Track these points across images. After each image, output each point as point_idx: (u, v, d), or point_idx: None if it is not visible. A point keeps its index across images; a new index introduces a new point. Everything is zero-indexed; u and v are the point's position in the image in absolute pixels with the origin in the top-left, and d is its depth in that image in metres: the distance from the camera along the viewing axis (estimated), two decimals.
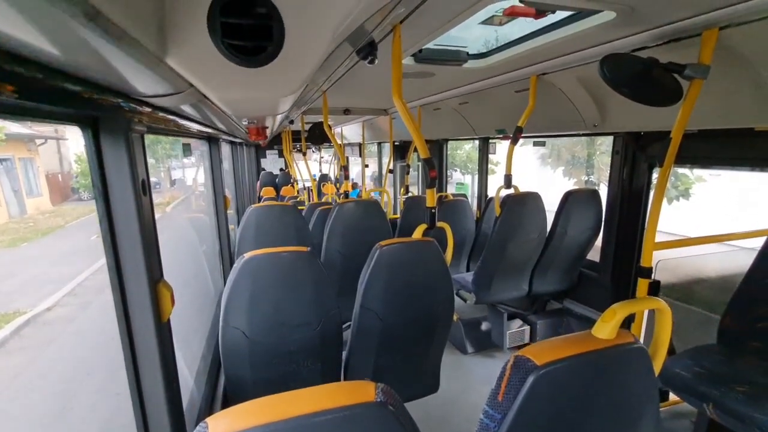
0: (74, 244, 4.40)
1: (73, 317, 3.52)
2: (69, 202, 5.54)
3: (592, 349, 0.79)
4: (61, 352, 3.00)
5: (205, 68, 0.55)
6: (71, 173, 5.43)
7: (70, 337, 3.26)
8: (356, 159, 9.73)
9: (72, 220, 4.77)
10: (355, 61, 1.89)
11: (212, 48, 0.54)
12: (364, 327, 1.71)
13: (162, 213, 3.87)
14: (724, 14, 1.36)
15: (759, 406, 1.40)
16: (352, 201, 2.62)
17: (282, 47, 0.56)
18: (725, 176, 7.64)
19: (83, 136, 0.80)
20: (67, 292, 3.77)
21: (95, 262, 3.97)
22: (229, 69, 0.56)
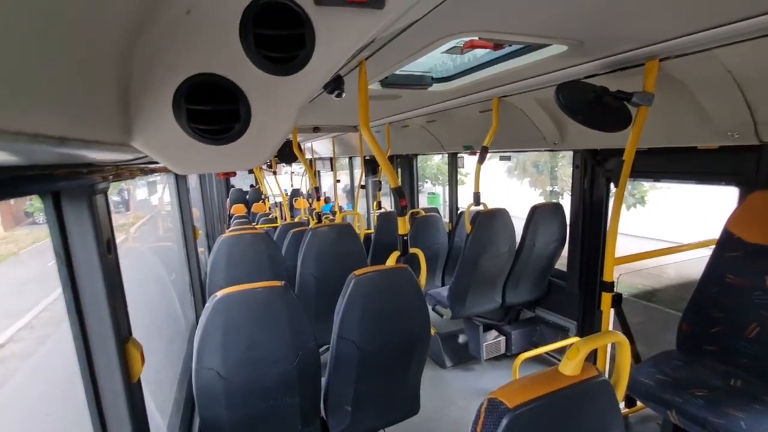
0: (29, 272, 4.12)
1: (30, 352, 3.28)
2: (23, 227, 5.19)
3: (560, 387, 0.83)
4: (17, 392, 2.79)
5: (171, 148, 0.55)
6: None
7: (28, 374, 3.04)
8: (328, 171, 9.71)
9: (27, 246, 4.48)
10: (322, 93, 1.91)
11: (178, 130, 0.54)
12: (342, 357, 1.70)
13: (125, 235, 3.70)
14: (664, 47, 1.48)
15: (715, 411, 1.50)
16: (326, 225, 2.61)
17: (249, 125, 0.57)
18: (674, 185, 8.28)
19: (43, 205, 0.77)
20: (23, 326, 3.52)
21: (53, 291, 3.73)
22: (195, 147, 0.56)
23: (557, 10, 1.16)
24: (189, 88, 0.53)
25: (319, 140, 6.72)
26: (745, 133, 1.67)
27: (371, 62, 1.57)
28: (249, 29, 0.53)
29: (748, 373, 1.69)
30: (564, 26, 1.31)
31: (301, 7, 0.54)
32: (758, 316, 1.70)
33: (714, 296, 1.84)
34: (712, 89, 1.61)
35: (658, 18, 1.24)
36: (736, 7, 1.15)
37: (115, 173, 0.89)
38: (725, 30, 1.28)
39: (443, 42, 1.40)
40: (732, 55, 1.42)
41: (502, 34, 1.35)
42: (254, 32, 0.53)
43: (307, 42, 0.56)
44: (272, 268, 2.58)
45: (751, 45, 1.33)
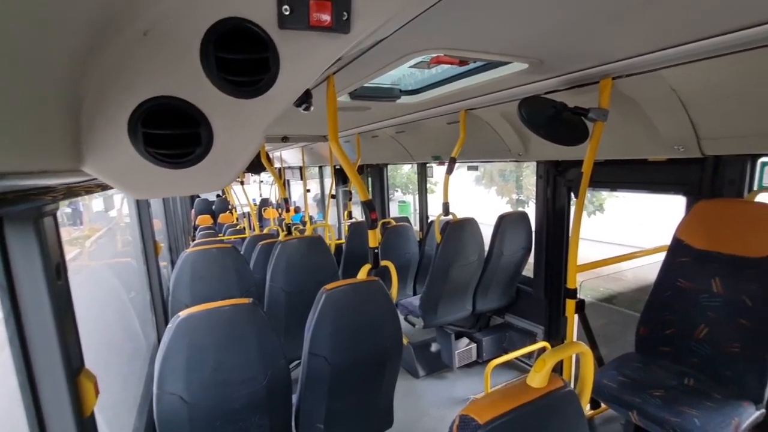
0: None
1: None
2: None
3: (528, 400, 0.85)
4: None
5: (127, 173, 0.52)
6: None
7: None
8: (298, 181, 9.57)
9: None
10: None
11: (134, 155, 0.52)
12: (314, 373, 1.66)
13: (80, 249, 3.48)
14: (615, 67, 1.57)
15: (672, 410, 1.58)
16: (295, 238, 2.56)
17: (211, 148, 0.55)
18: (630, 194, 8.88)
19: None
20: None
21: None
22: (153, 171, 0.54)
23: (517, 31, 1.22)
24: (146, 111, 0.51)
25: (288, 149, 6.62)
26: (689, 146, 1.80)
27: (340, 76, 1.58)
28: (210, 52, 0.52)
29: (699, 372, 1.80)
30: (524, 46, 1.37)
31: (265, 31, 0.53)
32: (706, 318, 1.82)
33: (667, 300, 1.95)
34: (659, 106, 1.72)
35: (610, 40, 1.32)
36: (678, 32, 1.25)
37: (67, 193, 0.83)
38: (669, 52, 1.38)
39: (410, 58, 1.43)
40: (676, 76, 1.53)
41: (465, 52, 1.39)
42: (216, 56, 0.52)
43: (271, 65, 0.55)
44: (240, 283, 2.50)
45: (692, 67, 1.44)
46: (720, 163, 1.98)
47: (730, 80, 1.46)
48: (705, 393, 1.67)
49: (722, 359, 1.75)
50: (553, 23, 1.16)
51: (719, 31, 1.21)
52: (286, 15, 0.53)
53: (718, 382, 1.73)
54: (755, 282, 1.69)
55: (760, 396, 1.61)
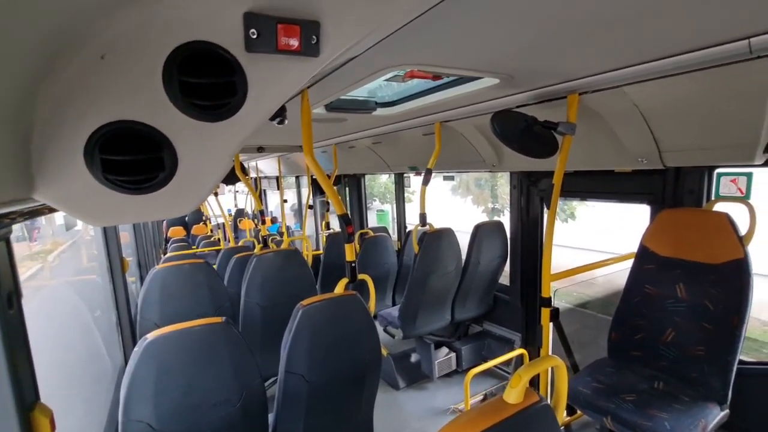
0: None
1: None
2: None
3: (505, 417, 0.85)
4: None
5: (84, 200, 0.50)
6: None
7: None
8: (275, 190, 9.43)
9: None
10: None
11: (91, 181, 0.49)
12: (291, 392, 1.62)
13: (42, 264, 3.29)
14: (581, 83, 1.64)
15: (643, 414, 1.63)
16: (271, 251, 2.51)
17: (175, 173, 0.53)
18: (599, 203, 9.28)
19: None
20: None
21: None
22: (113, 198, 0.51)
23: (487, 49, 1.25)
24: (105, 136, 0.48)
25: (264, 159, 6.53)
26: (652, 158, 1.88)
27: (314, 90, 1.57)
28: (174, 76, 0.50)
29: (668, 375, 1.87)
30: (494, 63, 1.41)
31: (232, 55, 0.52)
32: (673, 322, 1.89)
33: (636, 306, 2.02)
34: (623, 121, 1.80)
35: (575, 59, 1.38)
36: (639, 52, 1.32)
37: (20, 216, 0.78)
38: (631, 70, 1.45)
39: (384, 72, 1.44)
40: (638, 92, 1.61)
41: (438, 67, 1.41)
42: (180, 79, 0.50)
43: (238, 89, 0.54)
44: (213, 299, 2.42)
45: (653, 84, 1.51)
46: (680, 174, 2.09)
47: (688, 97, 1.54)
48: (674, 395, 1.73)
49: (688, 362, 1.82)
50: (521, 42, 1.20)
51: (676, 51, 1.29)
52: (254, 39, 0.52)
53: (686, 384, 1.80)
54: (716, 287, 1.77)
55: (725, 397, 1.68)
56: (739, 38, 1.17)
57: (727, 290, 1.73)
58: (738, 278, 1.71)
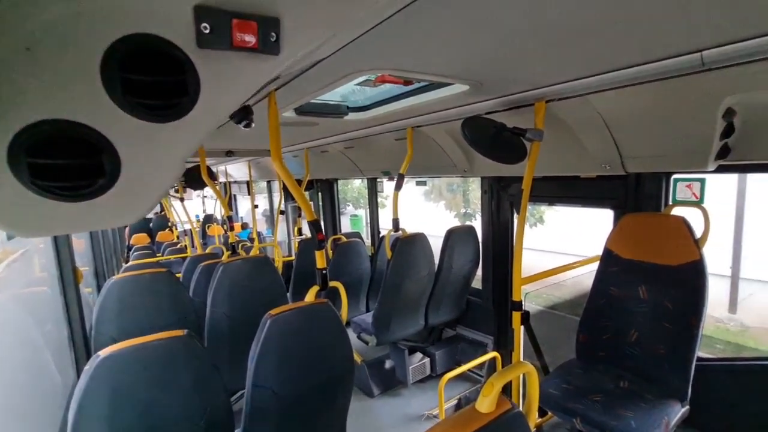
0: None
1: None
2: None
3: (478, 427, 0.84)
4: None
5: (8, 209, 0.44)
6: None
7: None
8: (246, 195, 9.20)
9: None
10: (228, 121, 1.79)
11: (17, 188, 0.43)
12: (259, 407, 1.55)
13: None
14: (548, 91, 1.68)
15: (610, 413, 1.67)
16: (239, 258, 2.41)
17: (118, 178, 0.48)
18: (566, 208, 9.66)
19: None
20: None
21: None
22: (45, 206, 0.45)
23: (456, 55, 1.25)
24: (33, 137, 0.43)
25: (234, 164, 6.35)
26: (614, 165, 1.95)
27: (282, 93, 1.53)
28: (115, 73, 0.45)
29: (633, 375, 1.93)
30: (464, 69, 1.42)
31: (182, 51, 0.48)
32: (636, 323, 1.96)
33: (602, 307, 2.08)
34: (587, 128, 1.86)
35: (542, 67, 1.42)
36: (602, 62, 1.37)
37: None
38: (594, 79, 1.50)
39: (354, 77, 1.41)
40: (601, 101, 1.66)
41: (408, 73, 1.41)
42: (123, 76, 0.45)
43: (189, 88, 0.49)
44: (177, 310, 2.30)
45: (615, 93, 1.57)
46: (641, 179, 2.18)
47: (646, 107, 1.61)
48: (639, 394, 1.79)
49: (651, 361, 1.88)
50: (489, 50, 1.21)
51: (635, 62, 1.34)
52: (206, 34, 0.48)
53: (649, 382, 1.86)
54: (675, 288, 1.85)
55: (685, 394, 1.75)
56: (692, 51, 1.23)
57: (685, 291, 1.81)
58: (695, 279, 1.79)
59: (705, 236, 1.83)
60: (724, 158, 1.68)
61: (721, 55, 1.20)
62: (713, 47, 1.19)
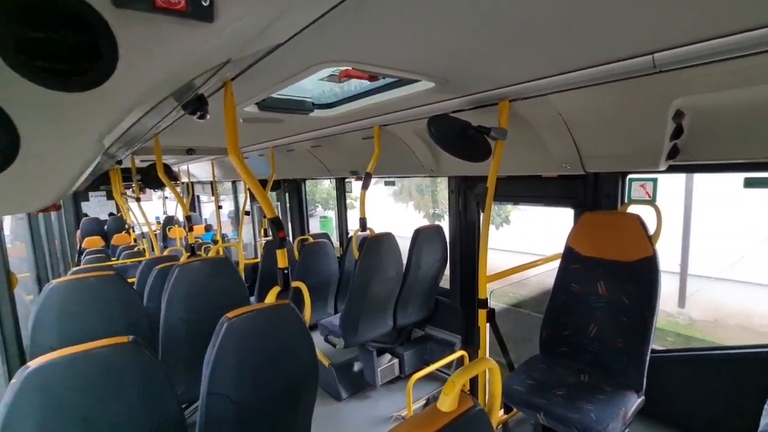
0: None
1: None
2: None
3: (439, 426, 0.82)
4: None
5: None
6: None
7: None
8: (210, 196, 8.86)
9: None
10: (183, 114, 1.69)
11: None
12: (215, 415, 1.46)
13: None
14: (511, 90, 1.70)
15: (572, 407, 1.70)
16: (197, 260, 2.28)
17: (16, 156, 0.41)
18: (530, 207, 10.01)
19: None
20: None
21: None
22: None
23: (420, 50, 1.24)
24: None
25: (196, 163, 6.09)
26: (574, 164, 2.01)
27: (240, 84, 1.45)
28: (5, 28, 0.38)
29: (592, 368, 1.98)
30: (429, 64, 1.41)
31: (93, 8, 0.41)
32: (595, 318, 2.02)
33: (563, 304, 2.14)
34: (549, 128, 1.90)
35: (505, 66, 1.43)
36: (562, 62, 1.40)
37: None
38: (555, 79, 1.53)
39: (316, 69, 1.37)
40: (561, 101, 1.70)
41: (373, 66, 1.38)
42: (18, 35, 0.38)
43: (105, 52, 0.43)
44: (126, 317, 2.14)
45: (574, 93, 1.61)
46: (599, 179, 2.25)
47: (603, 108, 1.66)
48: (598, 387, 1.84)
49: (609, 354, 1.95)
50: (452, 46, 1.20)
51: (592, 63, 1.38)
52: None
53: (608, 375, 1.92)
54: (631, 283, 1.92)
55: (641, 385, 1.82)
56: (645, 53, 1.28)
57: (640, 286, 1.89)
58: (648, 274, 1.87)
59: (658, 233, 1.92)
60: (674, 158, 1.76)
61: (672, 58, 1.25)
62: (664, 50, 1.24)
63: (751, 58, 1.18)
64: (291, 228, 5.50)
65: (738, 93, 1.39)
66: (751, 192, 5.56)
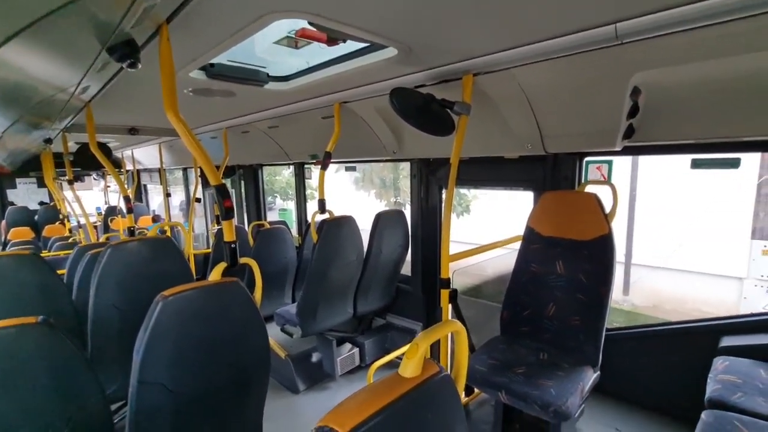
0: None
1: None
2: None
3: (401, 393, 0.74)
4: None
5: None
6: None
7: None
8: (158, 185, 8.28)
9: None
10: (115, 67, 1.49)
11: None
12: (147, 408, 1.29)
13: None
14: (475, 63, 1.65)
15: (532, 384, 1.70)
16: (133, 240, 2.04)
17: None
18: (489, 198, 10.24)
19: None
20: None
21: None
22: None
23: (384, 7, 1.15)
24: None
25: (142, 147, 5.64)
26: (535, 144, 2.01)
27: (179, 37, 1.28)
28: None
29: (551, 346, 2.00)
30: (391, 26, 1.32)
31: None
32: (554, 297, 2.04)
33: (524, 284, 2.14)
34: (512, 105, 1.88)
35: (469, 35, 1.39)
36: (524, 33, 1.37)
37: None
38: (517, 51, 1.50)
39: (267, 20, 1.23)
40: (524, 75, 1.67)
41: (330, 22, 1.26)
42: None
43: None
44: (47, 304, 1.88)
45: (537, 68, 1.58)
46: (557, 161, 2.28)
47: (565, 83, 1.66)
48: (557, 364, 1.85)
49: (567, 332, 1.97)
50: (417, 6, 1.13)
51: (555, 34, 1.36)
52: None
53: (566, 352, 1.94)
54: (587, 262, 1.95)
55: (596, 360, 1.85)
56: (608, 23, 1.27)
57: (596, 263, 1.92)
58: (604, 252, 1.90)
59: (613, 211, 1.96)
60: (630, 138, 1.80)
61: (633, 27, 1.24)
62: (626, 19, 1.23)
63: (708, 29, 1.19)
64: (247, 217, 5.23)
65: (690, 69, 1.42)
66: (691, 180, 5.94)
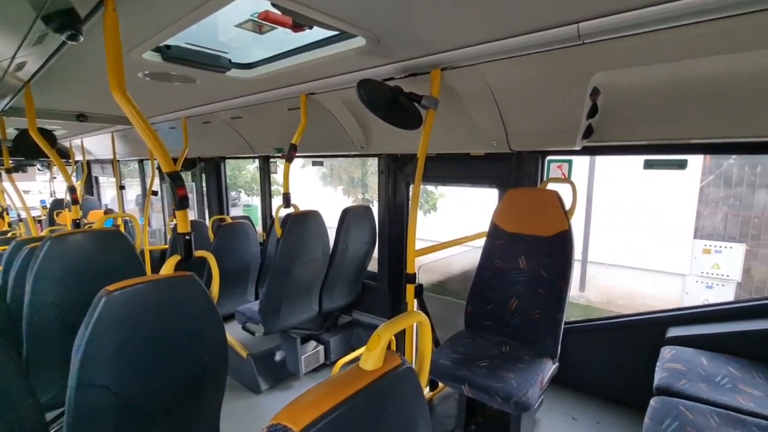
0: None
1: None
2: None
3: (362, 386, 0.71)
4: None
5: None
6: None
7: None
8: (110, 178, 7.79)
9: None
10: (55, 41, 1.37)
11: None
12: (89, 412, 1.18)
13: None
14: (443, 57, 1.65)
15: (495, 377, 1.72)
16: (77, 232, 1.87)
17: None
18: (459, 190, 10.41)
19: None
20: None
21: None
22: None
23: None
24: None
25: (93, 137, 5.26)
26: (501, 142, 2.04)
27: (129, 9, 1.19)
28: None
29: (513, 340, 2.05)
30: (359, 13, 1.29)
31: None
32: (516, 291, 2.08)
33: (487, 279, 2.17)
34: (478, 102, 1.90)
35: (437, 28, 1.39)
36: (491, 29, 1.38)
37: None
38: (484, 47, 1.52)
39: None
40: (490, 71, 1.69)
41: (295, 4, 1.21)
42: None
43: None
44: None
45: (503, 65, 1.61)
46: (521, 159, 2.34)
47: (527, 81, 1.69)
48: (518, 357, 1.89)
49: (528, 325, 2.02)
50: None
51: (520, 31, 1.39)
52: None
53: (527, 345, 1.99)
54: (548, 257, 2.01)
55: (555, 352, 1.91)
56: (570, 22, 1.30)
57: (556, 258, 1.98)
58: (564, 248, 1.97)
59: (573, 208, 2.03)
60: (589, 138, 1.86)
61: (595, 28, 1.28)
62: (588, 19, 1.27)
63: (666, 32, 1.25)
64: (208, 213, 5.01)
65: (646, 71, 1.49)
66: (644, 180, 6.29)
